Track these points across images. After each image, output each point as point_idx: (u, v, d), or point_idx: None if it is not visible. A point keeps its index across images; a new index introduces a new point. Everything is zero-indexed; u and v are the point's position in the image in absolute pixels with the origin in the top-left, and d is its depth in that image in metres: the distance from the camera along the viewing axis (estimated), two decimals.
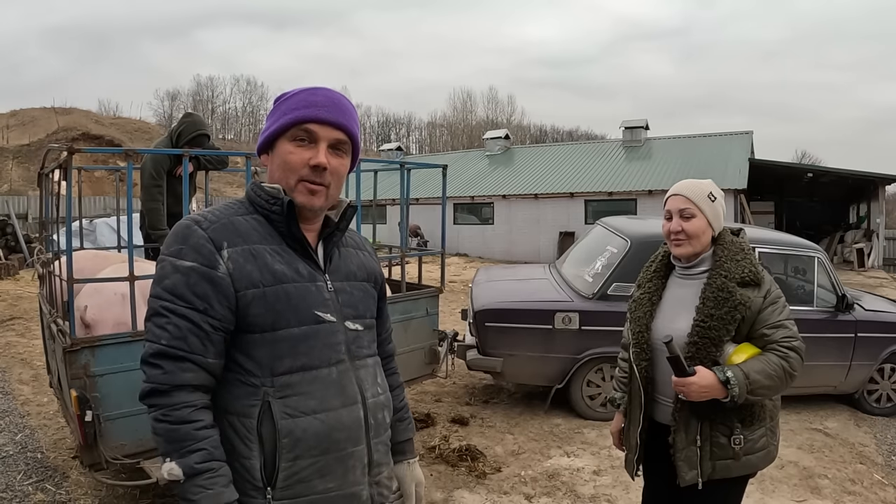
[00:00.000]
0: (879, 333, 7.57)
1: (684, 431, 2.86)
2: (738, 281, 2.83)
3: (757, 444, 2.88)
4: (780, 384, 2.75)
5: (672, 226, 2.98)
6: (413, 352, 5.93)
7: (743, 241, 3.02)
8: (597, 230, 8.44)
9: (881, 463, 6.37)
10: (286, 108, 1.93)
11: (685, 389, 2.71)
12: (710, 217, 2.94)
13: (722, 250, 2.95)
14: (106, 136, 40.56)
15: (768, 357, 2.75)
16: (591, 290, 7.06)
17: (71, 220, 4.32)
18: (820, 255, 7.46)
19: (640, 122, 33.77)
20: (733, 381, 2.65)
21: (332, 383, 1.93)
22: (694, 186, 3.01)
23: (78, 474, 5.29)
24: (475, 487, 5.41)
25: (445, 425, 6.77)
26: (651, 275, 3.21)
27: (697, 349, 2.80)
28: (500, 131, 40.70)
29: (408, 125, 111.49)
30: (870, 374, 7.71)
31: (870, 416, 7.78)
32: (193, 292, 1.80)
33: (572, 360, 6.96)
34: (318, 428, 1.88)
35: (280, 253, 1.93)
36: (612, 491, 5.41)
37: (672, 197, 3.04)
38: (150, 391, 1.78)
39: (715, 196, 2.99)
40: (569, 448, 6.30)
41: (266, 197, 1.93)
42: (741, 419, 2.82)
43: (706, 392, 2.69)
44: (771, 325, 2.81)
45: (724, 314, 2.79)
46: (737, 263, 2.88)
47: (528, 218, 29.60)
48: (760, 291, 2.84)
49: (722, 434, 2.83)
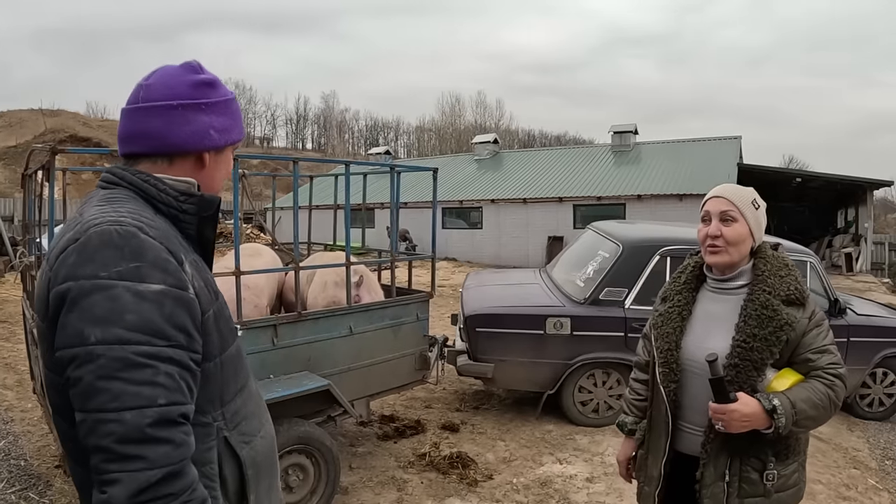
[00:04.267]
0: (871, 338, 7.60)
1: (713, 465, 2.59)
2: (784, 299, 2.56)
3: (790, 480, 2.60)
4: (825, 415, 2.50)
5: (711, 229, 2.67)
6: (403, 357, 5.85)
7: (785, 256, 2.74)
8: (588, 235, 8.40)
9: (875, 467, 6.37)
10: (239, 116, 1.83)
11: (725, 418, 2.42)
12: (752, 225, 2.67)
13: (764, 264, 2.67)
14: (94, 139, 40.47)
15: (814, 385, 2.48)
16: (583, 295, 7.01)
17: (54, 222, 4.22)
18: (812, 259, 7.43)
19: (628, 127, 33.80)
20: (780, 411, 2.38)
21: (256, 396, 1.85)
22: (738, 190, 2.72)
23: (62, 483, 5.23)
24: (467, 495, 5.35)
25: (436, 432, 6.72)
26: (680, 287, 2.89)
27: (738, 373, 2.51)
28: (488, 136, 40.61)
29: (396, 129, 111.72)
30: (862, 379, 7.74)
31: (862, 421, 7.82)
32: (173, 324, 1.44)
33: (564, 365, 6.90)
34: (265, 447, 1.80)
35: (198, 261, 1.70)
36: (605, 499, 5.34)
37: (712, 199, 2.74)
38: (161, 479, 1.34)
39: (759, 204, 2.72)
40: (561, 455, 6.24)
41: (174, 193, 1.66)
42: (776, 453, 2.56)
43: (748, 422, 2.42)
44: (816, 349, 2.54)
45: (768, 334, 2.51)
46: (781, 280, 2.61)
47: (516, 222, 29.56)
48: (806, 312, 2.59)
49: (754, 469, 2.55)
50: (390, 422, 6.83)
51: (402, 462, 5.88)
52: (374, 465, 5.78)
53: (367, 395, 5.62)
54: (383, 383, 5.75)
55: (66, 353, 1.38)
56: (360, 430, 6.57)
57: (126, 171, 1.65)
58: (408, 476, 5.61)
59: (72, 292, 1.39)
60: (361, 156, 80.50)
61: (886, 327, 7.78)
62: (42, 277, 1.51)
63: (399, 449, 6.20)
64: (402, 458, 5.97)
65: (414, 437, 6.53)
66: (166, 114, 1.64)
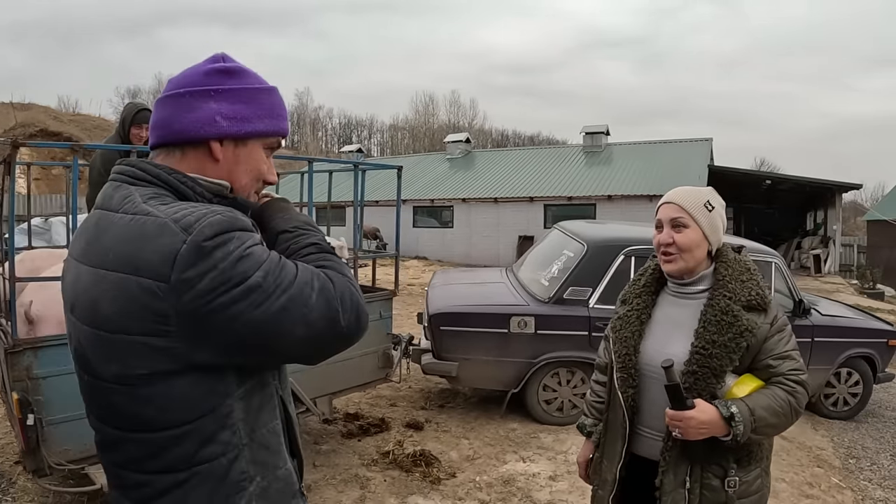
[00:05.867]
0: (836, 338, 7.70)
1: (673, 472, 2.54)
2: (744, 304, 2.52)
3: (752, 486, 2.55)
4: (786, 422, 2.46)
5: (662, 237, 2.64)
6: (366, 355, 5.85)
7: (747, 260, 2.68)
8: (554, 234, 8.44)
9: (838, 466, 6.44)
10: (270, 107, 1.69)
11: (682, 425, 2.39)
12: (705, 228, 2.59)
13: (725, 268, 2.62)
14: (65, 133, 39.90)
15: (774, 391, 2.44)
16: (548, 295, 7.03)
17: (14, 217, 4.18)
18: (777, 260, 7.51)
19: (600, 128, 33.98)
20: (738, 418, 2.35)
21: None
22: (689, 193, 2.65)
23: (25, 480, 5.16)
24: (429, 493, 5.35)
25: (400, 430, 6.71)
26: (640, 290, 2.85)
27: (696, 379, 2.47)
28: (461, 135, 40.69)
29: (370, 127, 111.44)
30: (826, 379, 7.84)
31: (827, 420, 7.92)
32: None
33: (528, 364, 6.92)
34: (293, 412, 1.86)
35: None
36: (568, 497, 5.37)
37: (664, 205, 2.68)
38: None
39: (713, 205, 2.63)
40: (525, 453, 6.26)
41: (208, 196, 1.61)
42: (737, 459, 2.51)
43: (705, 429, 2.38)
44: (777, 355, 2.49)
45: (727, 341, 2.46)
46: (742, 284, 2.56)
47: (487, 222, 29.65)
48: (767, 317, 2.53)
49: (714, 475, 2.51)
50: (355, 420, 6.81)
51: (365, 460, 5.87)
52: (337, 462, 5.77)
53: (330, 393, 5.61)
54: (346, 381, 5.74)
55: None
56: (324, 428, 6.55)
57: (158, 169, 1.60)
58: (371, 474, 5.60)
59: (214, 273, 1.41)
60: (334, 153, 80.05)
61: (851, 328, 7.89)
62: (128, 289, 1.43)
63: (363, 447, 6.18)
64: (366, 455, 5.96)
65: (378, 434, 6.52)
66: (174, 102, 1.61)
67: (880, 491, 5.96)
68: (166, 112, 1.61)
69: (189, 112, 1.59)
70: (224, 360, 1.48)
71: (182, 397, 1.47)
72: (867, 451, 6.95)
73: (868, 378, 8.00)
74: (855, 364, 7.91)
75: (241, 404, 1.54)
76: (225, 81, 1.62)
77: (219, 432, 1.51)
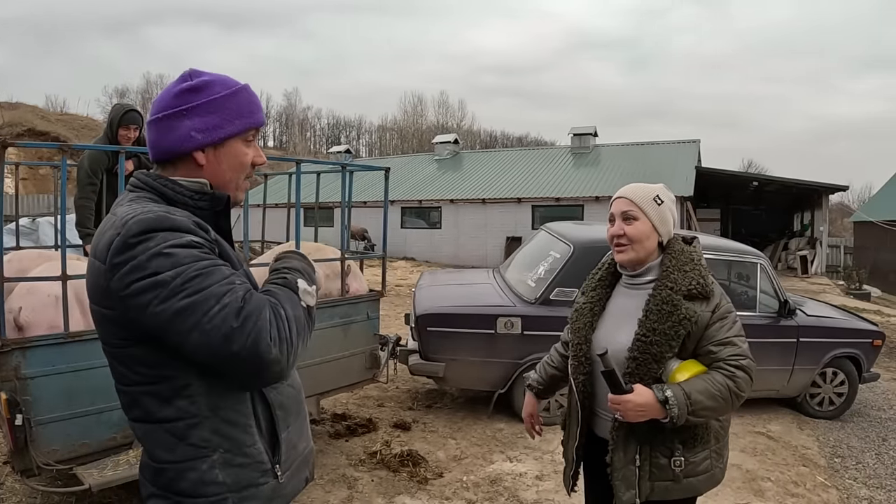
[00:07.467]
0: (821, 338, 7.75)
1: (622, 450, 2.69)
2: (685, 294, 2.64)
3: (699, 466, 2.70)
4: (726, 405, 2.57)
5: (614, 229, 2.82)
6: (353, 356, 5.87)
7: (694, 251, 2.81)
8: (541, 235, 8.46)
9: (824, 465, 6.48)
10: (238, 108, 1.93)
11: (620, 408, 2.54)
12: (654, 221, 2.76)
13: (669, 260, 2.76)
14: (52, 133, 39.71)
15: (713, 376, 2.57)
16: (534, 295, 7.06)
17: (2, 216, 4.16)
18: (762, 261, 7.56)
19: (588, 129, 34.02)
20: (672, 401, 2.48)
21: None
22: (639, 189, 2.82)
23: (13, 481, 5.14)
24: (417, 493, 5.37)
25: (387, 430, 6.72)
26: (596, 283, 3.02)
27: (638, 365, 2.62)
28: (449, 136, 40.64)
29: (358, 128, 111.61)
30: (812, 378, 7.88)
31: (812, 420, 7.94)
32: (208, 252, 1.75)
33: (514, 364, 6.95)
34: (291, 394, 2.05)
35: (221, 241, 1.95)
36: (554, 496, 5.40)
37: (616, 200, 2.86)
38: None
39: (662, 199, 2.80)
40: (511, 453, 6.29)
41: (189, 193, 1.88)
42: (682, 441, 2.65)
43: (643, 411, 2.52)
44: (718, 341, 2.62)
45: (667, 329, 2.60)
46: (684, 274, 2.68)
47: (475, 222, 29.61)
48: (709, 305, 2.65)
49: (662, 455, 2.65)
50: (342, 420, 6.82)
51: (353, 460, 5.88)
52: (324, 462, 5.78)
53: (317, 394, 5.62)
54: (333, 381, 5.76)
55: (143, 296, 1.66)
56: (311, 429, 6.54)
57: (148, 177, 1.89)
58: (358, 474, 5.62)
59: (134, 266, 1.65)
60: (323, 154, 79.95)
61: (836, 328, 7.94)
62: (94, 269, 1.76)
63: (350, 447, 6.20)
64: (354, 456, 5.98)
65: (366, 435, 6.53)
66: (156, 126, 1.89)
67: (865, 489, 6.00)
68: (154, 136, 1.90)
69: (169, 133, 1.87)
70: (155, 341, 1.71)
71: (141, 362, 1.76)
72: (852, 451, 6.98)
73: (853, 378, 8.02)
74: (840, 364, 7.94)
75: (202, 382, 1.77)
76: (192, 99, 1.88)
77: (174, 398, 1.76)
